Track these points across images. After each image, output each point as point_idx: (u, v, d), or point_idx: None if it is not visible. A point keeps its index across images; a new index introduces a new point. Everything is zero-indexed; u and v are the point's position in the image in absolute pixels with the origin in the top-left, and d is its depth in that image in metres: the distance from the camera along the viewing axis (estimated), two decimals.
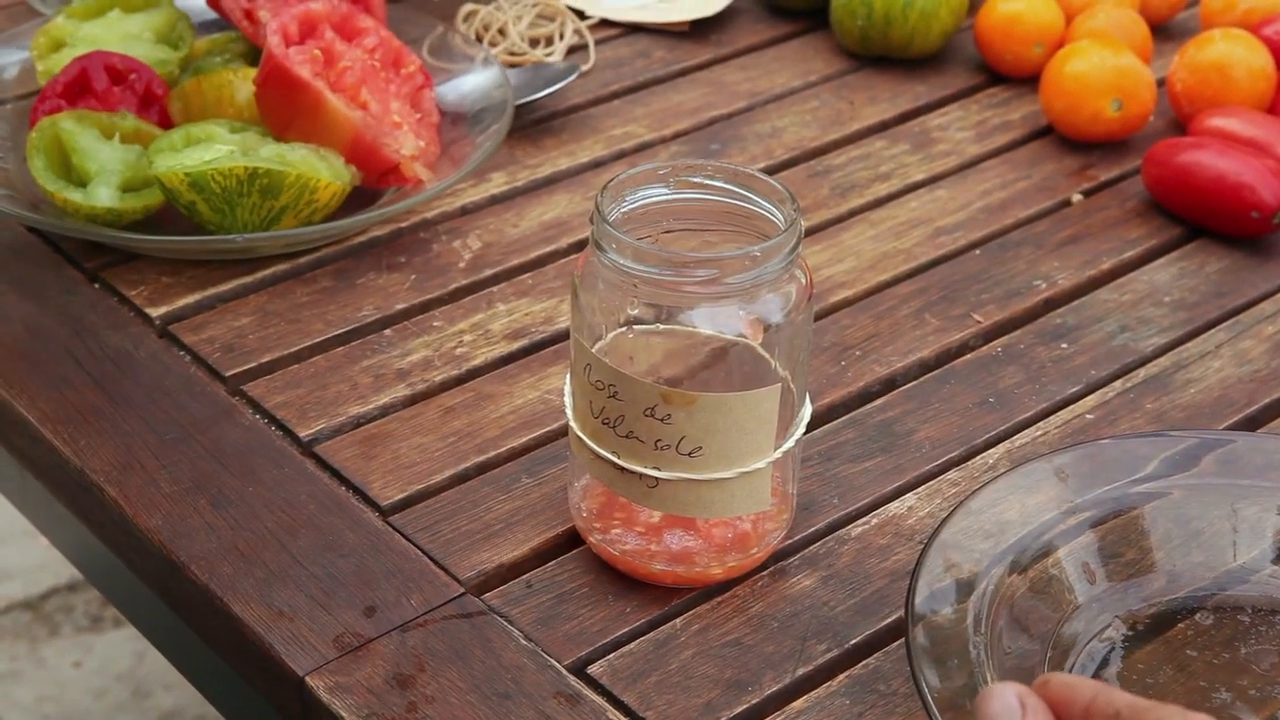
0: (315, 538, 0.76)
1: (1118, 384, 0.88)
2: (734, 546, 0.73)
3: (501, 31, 1.21)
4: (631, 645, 0.71)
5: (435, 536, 0.76)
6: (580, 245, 0.97)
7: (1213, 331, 0.93)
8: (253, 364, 0.87)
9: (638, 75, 1.18)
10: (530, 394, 0.86)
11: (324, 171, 0.94)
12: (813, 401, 0.77)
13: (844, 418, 0.85)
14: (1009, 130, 1.13)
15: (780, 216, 0.68)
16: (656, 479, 0.70)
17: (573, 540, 0.76)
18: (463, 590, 0.73)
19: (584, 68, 1.17)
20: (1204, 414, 0.86)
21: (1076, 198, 1.06)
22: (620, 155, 1.08)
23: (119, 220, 0.94)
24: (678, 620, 0.73)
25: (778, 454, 0.71)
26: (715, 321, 0.68)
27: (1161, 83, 1.14)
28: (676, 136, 1.10)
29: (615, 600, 0.73)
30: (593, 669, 0.70)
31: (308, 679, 0.69)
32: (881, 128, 1.12)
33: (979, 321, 0.93)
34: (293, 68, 0.95)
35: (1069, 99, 1.09)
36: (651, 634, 0.72)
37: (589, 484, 0.74)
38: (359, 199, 0.98)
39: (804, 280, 0.69)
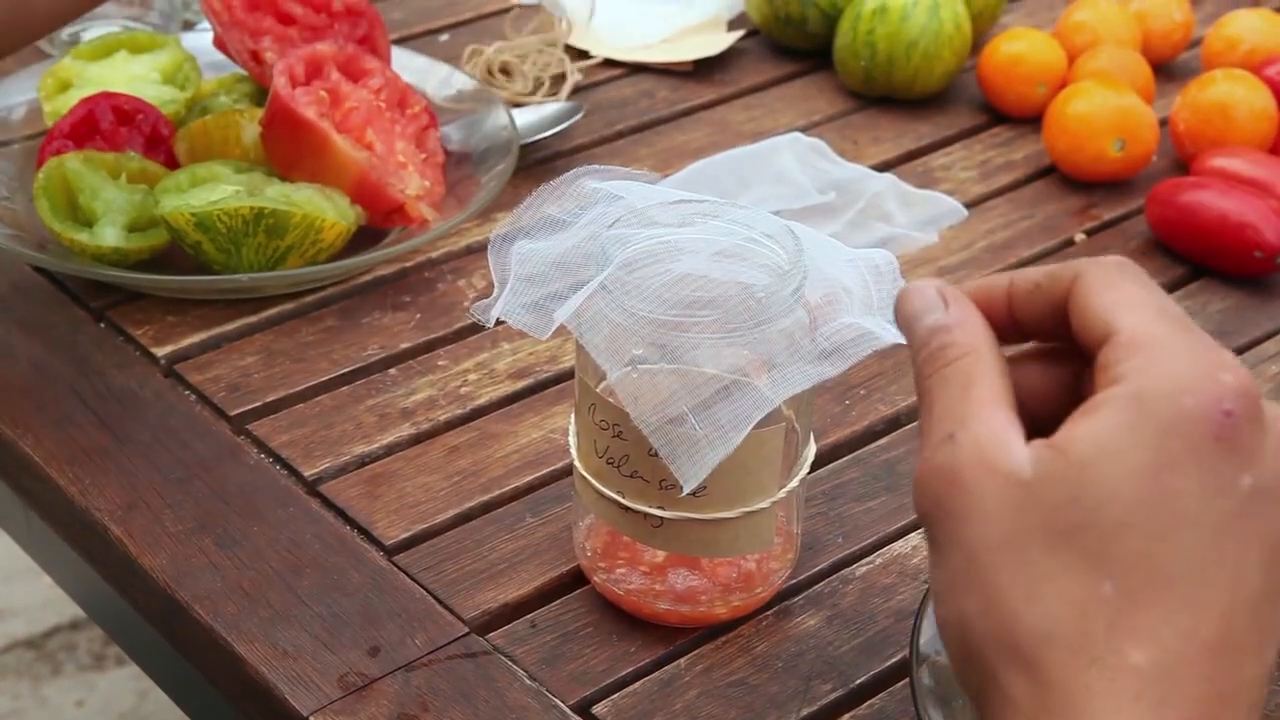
0: (319, 577, 0.76)
1: None
2: (739, 586, 0.73)
3: (506, 72, 1.21)
4: (636, 685, 0.71)
5: (440, 576, 0.76)
6: None
7: None
8: (258, 403, 0.87)
9: (642, 115, 1.18)
10: (534, 433, 0.86)
11: (329, 211, 0.94)
12: (817, 441, 0.77)
13: (848, 457, 0.85)
14: (1012, 170, 1.13)
15: (784, 255, 0.69)
16: (661, 519, 0.70)
17: (577, 580, 0.76)
18: (467, 630, 0.73)
19: (588, 107, 1.17)
20: None
21: (1080, 237, 1.06)
22: None
23: (125, 260, 0.94)
24: (682, 660, 0.73)
25: (782, 493, 0.71)
26: (719, 361, 0.68)
27: (1164, 123, 1.15)
28: None
29: (619, 640, 0.73)
30: (597, 709, 0.70)
31: (312, 719, 0.68)
32: (885, 167, 1.13)
33: None
34: (298, 108, 0.96)
35: (1072, 139, 1.09)
36: (656, 674, 0.72)
37: (593, 523, 0.74)
38: (364, 239, 0.98)
39: (808, 319, 0.70)
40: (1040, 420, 0.52)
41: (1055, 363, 0.55)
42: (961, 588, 0.49)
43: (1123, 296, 0.51)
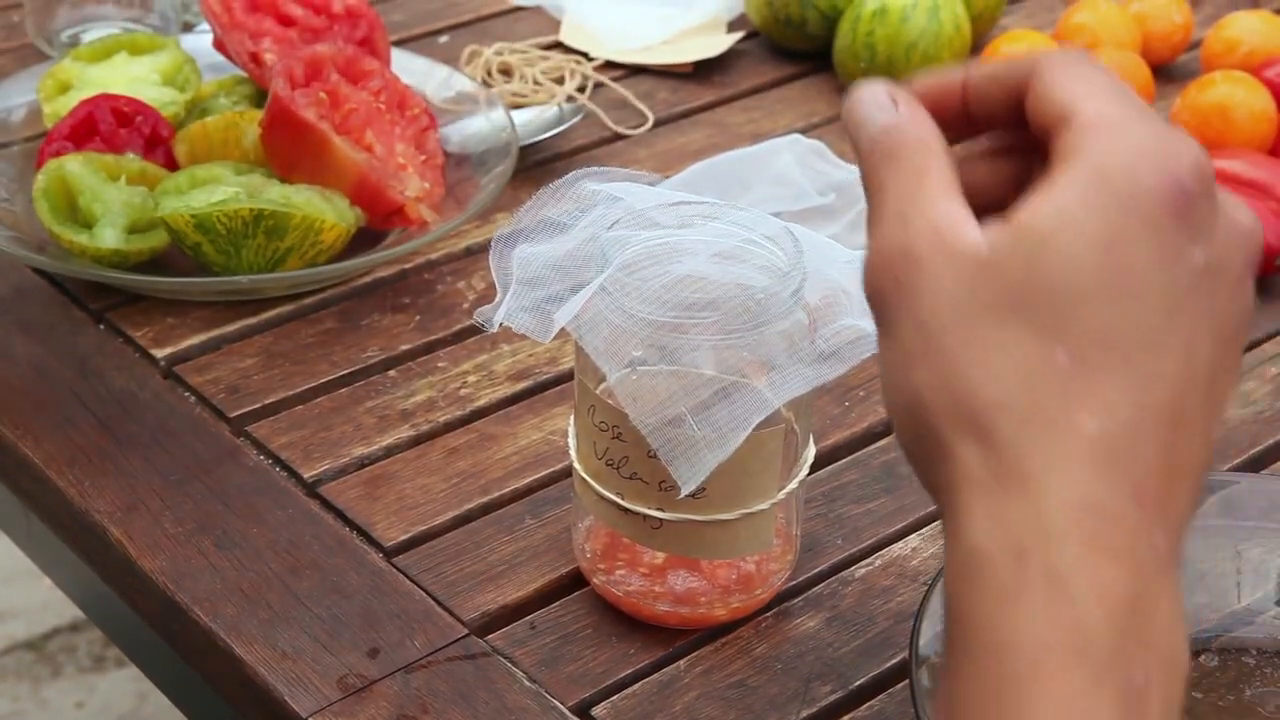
0: (319, 579, 0.76)
1: None
2: (738, 588, 0.73)
3: (505, 73, 1.21)
4: (635, 687, 0.71)
5: (439, 577, 0.76)
6: None
7: None
8: (257, 405, 0.87)
9: (641, 116, 1.18)
10: (534, 435, 0.86)
11: (329, 213, 0.94)
12: (816, 442, 0.77)
13: (848, 459, 0.85)
14: None
15: (784, 257, 0.69)
16: (661, 520, 0.70)
17: (576, 581, 0.76)
18: (466, 631, 0.73)
19: (588, 109, 1.18)
20: None
21: None
22: None
23: (125, 262, 0.94)
24: (681, 662, 0.73)
25: (782, 495, 0.71)
26: (719, 363, 0.68)
27: None
28: None
29: (619, 641, 0.73)
30: (596, 710, 0.70)
31: None
32: None
33: None
34: (298, 110, 0.96)
35: None
36: (655, 675, 0.72)
37: (593, 525, 0.74)
38: (364, 240, 0.98)
39: (807, 321, 0.70)
40: (988, 218, 0.51)
41: (1004, 160, 0.55)
42: (914, 362, 0.49)
43: (1082, 83, 0.51)
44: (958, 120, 0.54)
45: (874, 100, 0.53)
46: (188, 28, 1.23)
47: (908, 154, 0.52)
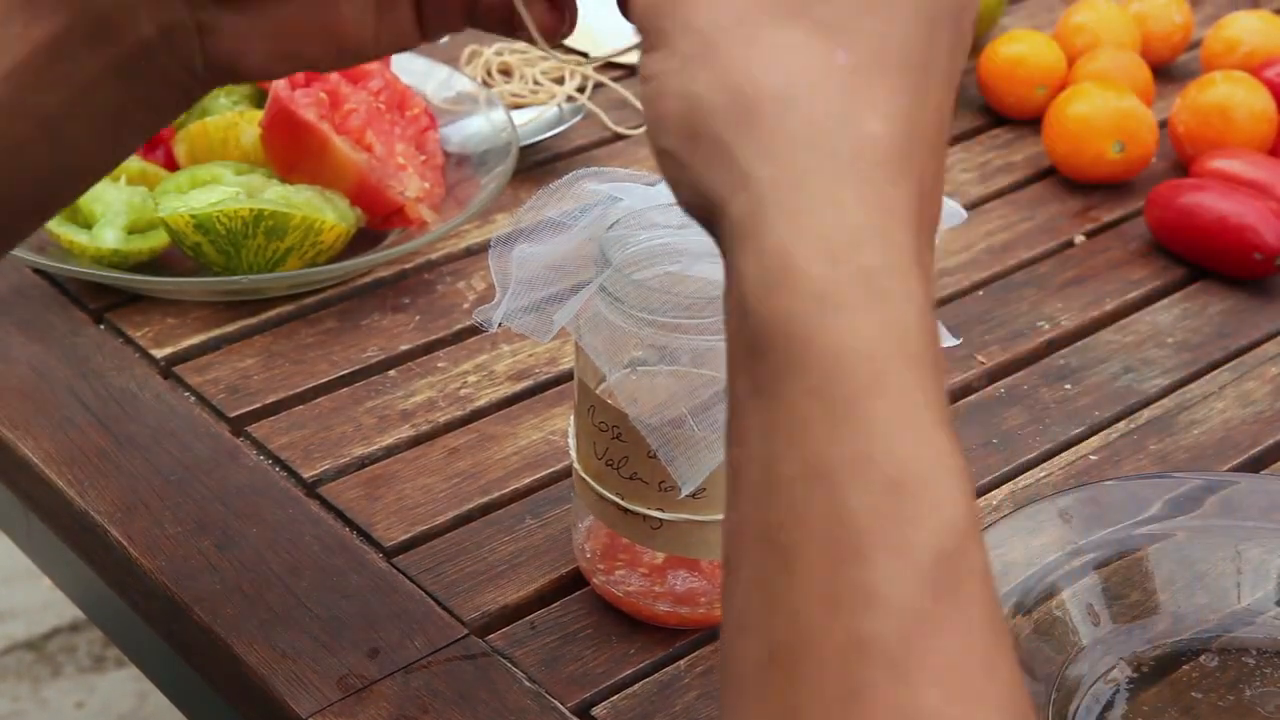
0: (319, 579, 0.76)
1: (1121, 425, 0.88)
2: None
3: (506, 73, 1.21)
4: (635, 687, 0.71)
5: (439, 578, 0.76)
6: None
7: (1216, 373, 0.93)
8: (257, 405, 0.87)
9: (641, 116, 1.18)
10: (534, 435, 0.86)
11: (329, 213, 0.94)
12: None
13: None
14: (1011, 172, 1.13)
15: None
16: (661, 520, 0.70)
17: (576, 581, 0.76)
18: (466, 632, 0.73)
19: (588, 109, 1.18)
20: (1207, 455, 0.86)
21: (1079, 239, 1.06)
22: None
23: (124, 262, 0.94)
24: (682, 662, 0.73)
25: None
26: (719, 362, 0.68)
27: (1163, 125, 1.15)
28: None
29: (619, 641, 0.73)
30: (596, 711, 0.70)
31: None
32: None
33: (982, 362, 0.93)
34: (298, 110, 0.96)
35: (1071, 141, 1.09)
36: (655, 675, 0.72)
37: (592, 526, 0.74)
38: (364, 241, 0.98)
39: None
40: None
41: None
42: (693, 69, 0.49)
43: None
44: None
45: None
46: None
47: None
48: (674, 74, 0.49)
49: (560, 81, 1.21)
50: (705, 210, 0.49)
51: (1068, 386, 0.91)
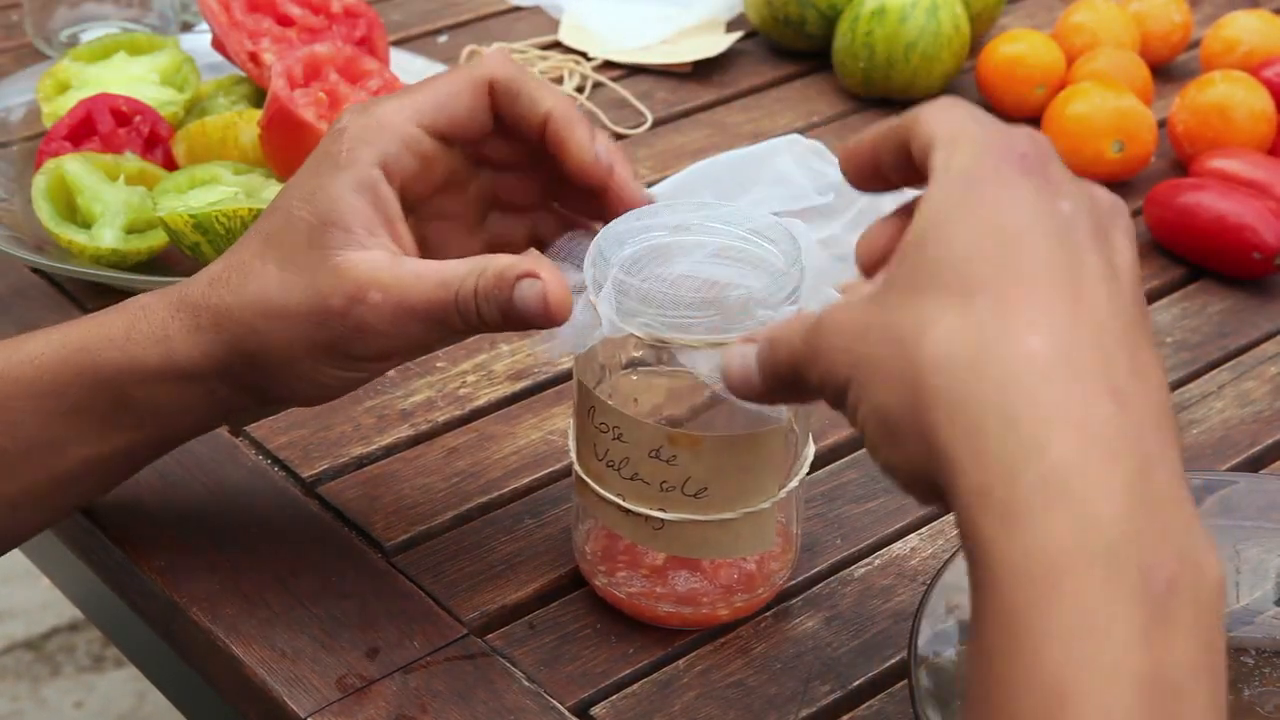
0: (318, 579, 0.76)
1: None
2: (740, 587, 0.73)
3: None
4: (634, 687, 0.71)
5: (438, 577, 0.76)
6: None
7: (1215, 372, 0.93)
8: None
9: (640, 116, 1.18)
10: (533, 434, 0.86)
11: None
12: (816, 442, 0.77)
13: (847, 458, 0.85)
14: None
15: (782, 256, 0.69)
16: (661, 520, 0.70)
17: (576, 581, 0.76)
18: (466, 631, 0.73)
19: (586, 108, 1.18)
20: (1207, 455, 0.86)
21: None
22: None
23: (123, 262, 0.94)
24: (681, 661, 0.73)
25: (782, 494, 0.71)
26: (718, 362, 0.68)
27: (1162, 124, 1.15)
28: None
29: (618, 641, 0.73)
30: (595, 710, 0.70)
31: None
32: None
33: None
34: (297, 110, 0.96)
35: (1070, 140, 1.09)
36: (655, 675, 0.72)
37: (593, 527, 0.74)
38: None
39: None
40: None
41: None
42: (868, 391, 0.53)
43: (945, 113, 0.57)
44: (874, 176, 0.61)
45: (739, 361, 0.61)
46: (186, 27, 1.23)
47: (778, 331, 0.59)
48: (862, 402, 0.54)
49: (559, 81, 1.21)
50: (932, 490, 0.53)
51: None
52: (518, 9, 1.33)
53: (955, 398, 0.50)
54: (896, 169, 0.59)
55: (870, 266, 0.60)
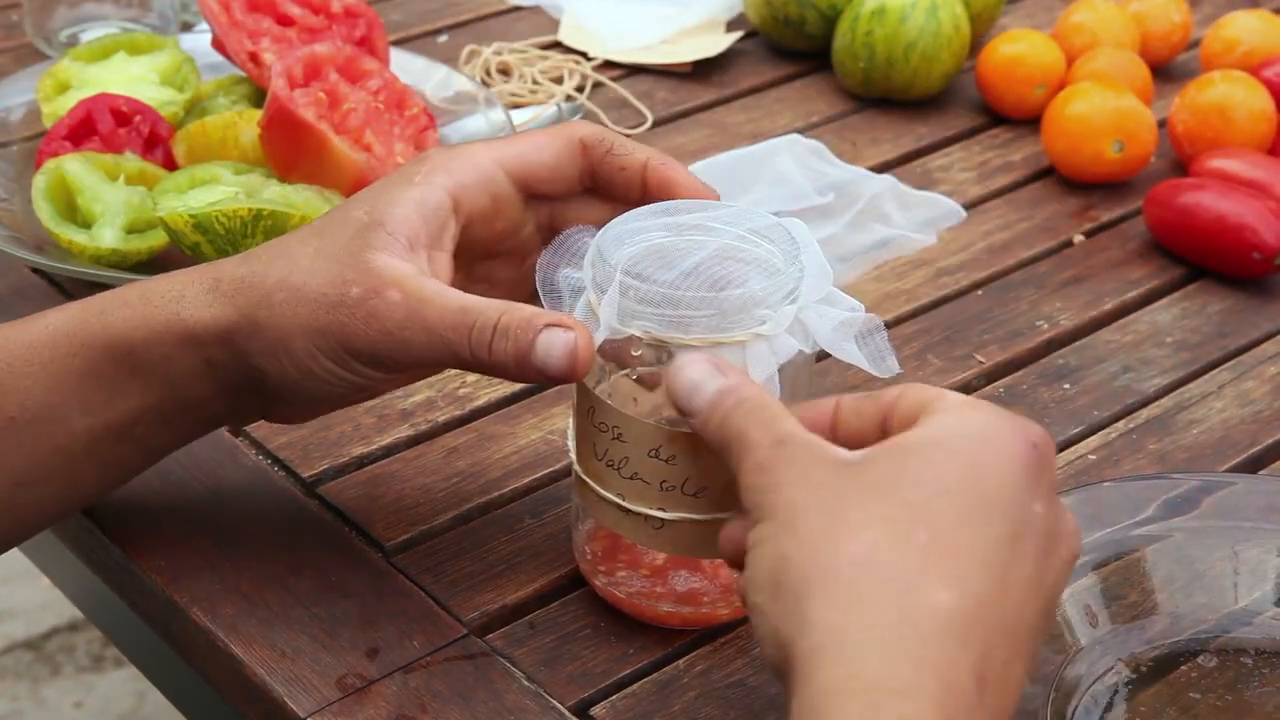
0: (318, 579, 0.76)
1: (1120, 425, 0.88)
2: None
3: (504, 73, 1.21)
4: (635, 686, 0.71)
5: (438, 577, 0.76)
6: None
7: (1215, 372, 0.93)
8: None
9: (640, 116, 1.18)
10: (533, 434, 0.86)
11: None
12: None
13: None
14: (1010, 171, 1.13)
15: (782, 256, 0.69)
16: (662, 520, 0.70)
17: (576, 581, 0.76)
18: (466, 631, 0.73)
19: (586, 108, 1.18)
20: (1206, 455, 0.86)
21: (1078, 238, 1.06)
22: None
23: (123, 261, 0.94)
24: (681, 661, 0.73)
25: None
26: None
27: (1162, 124, 1.15)
28: None
29: (618, 641, 0.73)
30: (595, 710, 0.70)
31: None
32: (883, 169, 1.13)
33: (981, 362, 0.93)
34: (297, 110, 0.96)
35: (1070, 140, 1.09)
36: (655, 675, 0.72)
37: (593, 527, 0.74)
38: None
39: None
40: None
41: None
42: (785, 534, 0.56)
43: (945, 394, 0.60)
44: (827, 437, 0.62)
45: (700, 369, 0.62)
46: (186, 27, 1.23)
47: (756, 403, 0.60)
48: (768, 538, 0.57)
49: (559, 81, 1.21)
50: (780, 659, 0.55)
51: (1066, 386, 0.91)
52: (518, 9, 1.33)
53: (854, 598, 0.53)
54: (852, 440, 0.61)
55: (826, 430, 0.62)
